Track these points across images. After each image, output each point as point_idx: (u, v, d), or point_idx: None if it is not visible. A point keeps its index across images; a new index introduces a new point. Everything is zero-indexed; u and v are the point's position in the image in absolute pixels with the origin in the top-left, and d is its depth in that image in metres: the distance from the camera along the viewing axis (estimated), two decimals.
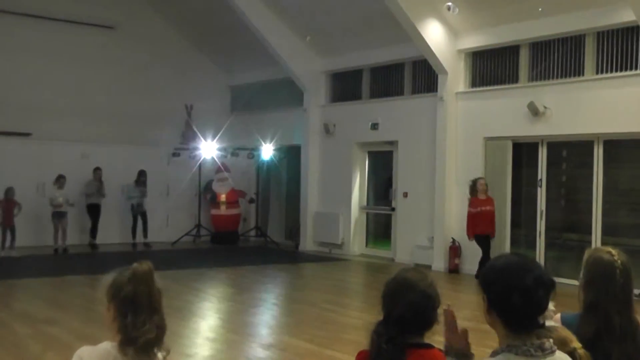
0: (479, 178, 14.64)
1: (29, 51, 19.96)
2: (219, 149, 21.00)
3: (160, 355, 3.28)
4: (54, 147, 19.80)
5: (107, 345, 3.23)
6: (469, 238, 14.65)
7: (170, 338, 9.18)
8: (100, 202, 19.18)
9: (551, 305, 4.02)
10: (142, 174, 19.83)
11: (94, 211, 19.13)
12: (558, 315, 3.77)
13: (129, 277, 3.24)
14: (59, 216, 17.87)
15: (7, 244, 17.13)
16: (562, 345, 2.93)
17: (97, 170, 19.08)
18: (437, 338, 3.18)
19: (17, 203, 17.31)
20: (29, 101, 19.84)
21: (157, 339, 3.24)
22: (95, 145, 20.05)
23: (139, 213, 19.83)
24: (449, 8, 15.26)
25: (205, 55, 23.11)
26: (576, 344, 3.01)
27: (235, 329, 10.45)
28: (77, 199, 18.81)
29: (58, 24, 20.42)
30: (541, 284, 2.67)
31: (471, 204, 14.57)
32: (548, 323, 3.13)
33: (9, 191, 17.24)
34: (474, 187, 14.57)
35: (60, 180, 17.95)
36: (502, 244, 15.16)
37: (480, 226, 14.41)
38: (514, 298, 2.63)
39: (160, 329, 3.25)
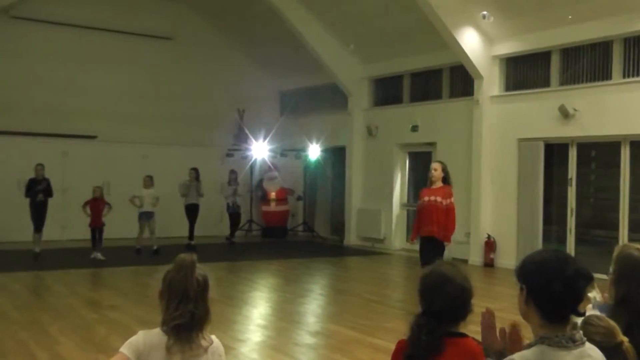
0: (434, 161, 11.62)
1: (95, 61, 20.34)
2: (269, 150, 21.16)
3: (203, 342, 3.31)
4: (117, 148, 20.13)
5: (158, 330, 3.31)
6: (410, 241, 11.56)
7: (224, 324, 9.33)
8: (198, 201, 18.15)
9: (595, 294, 4.04)
10: (232, 172, 19.58)
11: (191, 211, 18.12)
12: (590, 305, 3.75)
13: (173, 265, 3.33)
14: (146, 216, 16.76)
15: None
16: (610, 336, 2.90)
17: (193, 170, 18.22)
18: (471, 327, 3.17)
19: (106, 202, 16.17)
20: (95, 106, 20.18)
21: (191, 325, 3.25)
22: (154, 146, 20.31)
23: (234, 212, 19.52)
24: (484, 16, 15.22)
25: (256, 63, 23.21)
26: (623, 337, 2.94)
27: (284, 317, 10.44)
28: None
29: (121, 35, 20.77)
30: (581, 275, 2.66)
31: (419, 195, 10.90)
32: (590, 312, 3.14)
33: (97, 190, 16.17)
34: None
35: (147, 180, 16.94)
36: (535, 240, 14.97)
37: (422, 224, 10.38)
38: (555, 287, 2.62)
39: (195, 318, 3.26)
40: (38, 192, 15.50)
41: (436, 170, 10.45)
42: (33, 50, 19.69)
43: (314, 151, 20.93)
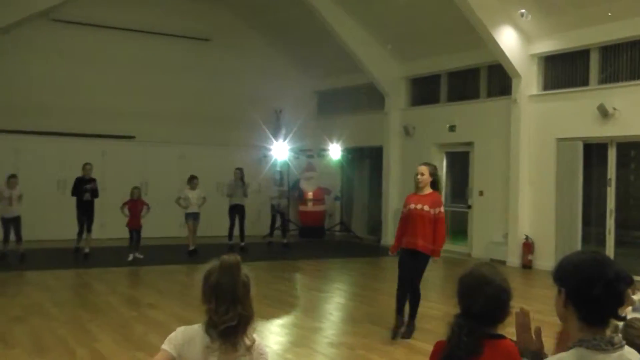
0: (420, 164, 9.42)
1: (133, 63, 20.70)
2: (306, 150, 21.25)
3: (247, 342, 3.32)
4: (154, 149, 20.41)
5: (198, 327, 3.33)
6: (390, 253, 9.56)
7: (261, 324, 9.28)
8: (243, 202, 17.84)
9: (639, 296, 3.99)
10: (279, 174, 19.48)
11: (237, 212, 17.71)
12: (629, 308, 3.69)
13: (217, 267, 3.32)
14: (192, 217, 16.59)
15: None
16: None
17: (238, 170, 17.99)
18: (509, 329, 3.16)
19: (145, 203, 16.02)
20: (133, 107, 20.51)
21: (239, 326, 3.27)
22: (192, 146, 20.52)
23: (278, 212, 19.23)
24: (522, 14, 15.11)
25: (293, 64, 23.35)
26: None
27: (320, 317, 10.51)
28: (169, 197, 17.81)
29: (159, 37, 21.08)
30: (621, 278, 2.60)
31: (404, 202, 9.34)
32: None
33: (135, 191, 16.01)
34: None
35: (193, 181, 16.69)
36: (574, 241, 14.85)
37: (406, 236, 8.96)
38: (596, 290, 2.55)
39: (244, 318, 3.28)
40: (85, 191, 15.56)
41: (423, 174, 8.97)
42: (72, 53, 20.05)
43: (350, 151, 20.97)
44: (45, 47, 19.69)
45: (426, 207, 8.76)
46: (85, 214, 15.69)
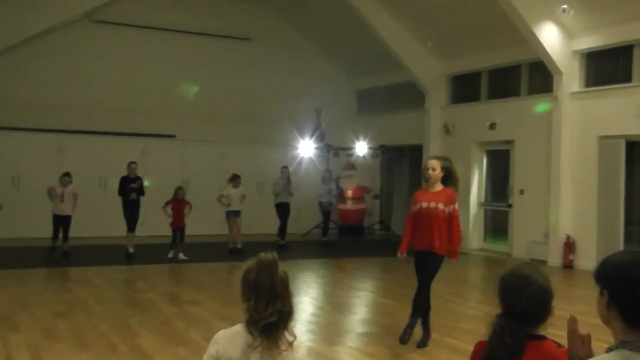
0: (430, 158, 8.70)
1: (173, 62, 20.97)
2: (345, 149, 21.29)
3: (289, 337, 3.35)
4: (195, 147, 20.62)
5: (238, 327, 3.35)
6: (399, 254, 8.52)
7: (301, 322, 9.36)
8: (289, 200, 17.97)
9: None
10: (327, 171, 19.45)
11: (283, 210, 17.92)
12: None
13: (254, 265, 3.36)
14: (234, 215, 16.55)
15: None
16: None
17: (284, 168, 18.09)
18: (550, 330, 3.14)
19: (187, 203, 15.93)
20: (174, 106, 20.77)
21: (279, 323, 3.29)
22: (232, 145, 20.68)
23: (326, 211, 19.25)
24: (564, 10, 14.98)
25: (333, 63, 23.43)
26: None
27: (360, 315, 10.53)
28: (210, 195, 17.88)
29: (199, 37, 21.31)
30: None
31: (413, 199, 8.56)
32: None
33: (179, 191, 15.96)
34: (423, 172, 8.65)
35: (235, 179, 16.63)
36: (616, 241, 14.69)
37: (418, 237, 8.33)
38: (639, 291, 2.50)
39: (284, 315, 3.31)
40: (132, 190, 15.51)
41: (434, 169, 8.20)
42: (114, 53, 20.36)
43: (389, 150, 21.01)
44: (87, 48, 20.07)
45: (440, 205, 8.10)
46: (131, 213, 15.68)
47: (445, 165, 8.26)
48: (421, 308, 8.39)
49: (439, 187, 8.22)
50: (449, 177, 8.26)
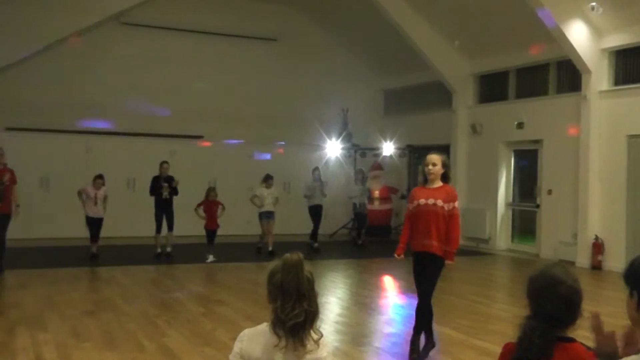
0: (430, 153, 8.04)
1: (200, 64, 21.13)
2: (372, 149, 21.29)
3: (314, 335, 3.35)
4: (222, 148, 20.74)
5: (264, 326, 3.36)
6: (396, 255, 8.02)
7: (327, 323, 9.35)
8: (322, 202, 17.82)
9: None
10: (359, 172, 19.29)
11: (315, 213, 17.67)
12: None
13: (280, 265, 3.35)
14: (266, 216, 16.38)
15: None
16: None
17: (315, 170, 17.97)
18: (579, 332, 3.10)
19: (219, 203, 15.78)
20: (201, 107, 20.90)
21: (305, 323, 3.30)
22: (258, 145, 20.76)
23: (359, 213, 18.99)
24: (593, 8, 14.85)
25: (360, 62, 23.42)
26: None
27: (386, 316, 10.52)
28: (237, 195, 18.15)
29: (226, 38, 21.44)
30: None
31: (410, 197, 8.11)
32: None
33: (211, 192, 15.82)
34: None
35: (268, 180, 16.47)
36: None
37: (416, 236, 7.79)
38: None
39: (310, 314, 3.31)
40: (164, 188, 15.46)
41: (435, 164, 7.70)
42: (142, 55, 20.56)
43: (417, 150, 20.98)
44: (115, 49, 20.26)
45: (440, 202, 7.53)
46: (165, 212, 15.63)
47: (445, 162, 7.80)
48: (425, 322, 7.91)
49: (438, 183, 7.69)
50: (446, 176, 7.76)
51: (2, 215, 12.58)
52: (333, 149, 20.80)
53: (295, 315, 3.27)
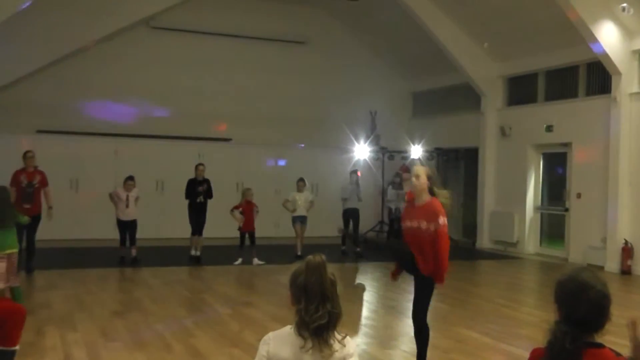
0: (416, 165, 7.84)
1: (228, 66, 21.29)
2: (400, 151, 21.29)
3: (338, 336, 3.38)
4: (250, 150, 20.82)
5: (288, 329, 3.40)
6: (391, 279, 7.87)
7: (353, 324, 9.40)
8: (358, 206, 17.47)
9: None
10: (397, 175, 19.10)
11: (352, 216, 17.24)
12: None
13: (303, 268, 3.40)
14: (299, 220, 16.27)
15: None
16: None
17: (353, 173, 17.90)
18: (607, 337, 3.08)
19: (254, 205, 15.60)
20: (230, 111, 21.12)
21: (329, 324, 3.32)
22: (287, 148, 20.86)
23: (396, 217, 18.33)
24: (623, 9, 14.72)
25: (388, 65, 23.47)
26: None
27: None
28: (265, 197, 17.98)
29: (254, 41, 21.54)
30: None
31: (402, 215, 7.67)
32: None
33: (247, 191, 15.66)
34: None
35: (299, 183, 16.34)
36: None
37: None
38: None
39: (333, 316, 3.34)
40: (199, 193, 15.34)
41: (418, 176, 6.90)
42: (170, 58, 20.77)
43: (445, 152, 21.00)
44: (144, 53, 20.50)
45: (423, 224, 6.80)
46: (197, 216, 15.48)
47: (430, 175, 6.98)
48: (422, 345, 7.33)
49: (424, 198, 6.90)
50: (432, 191, 6.96)
51: (32, 216, 12.47)
52: (362, 151, 20.82)
53: (319, 317, 3.30)
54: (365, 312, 10.98)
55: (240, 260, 15.32)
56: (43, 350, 7.88)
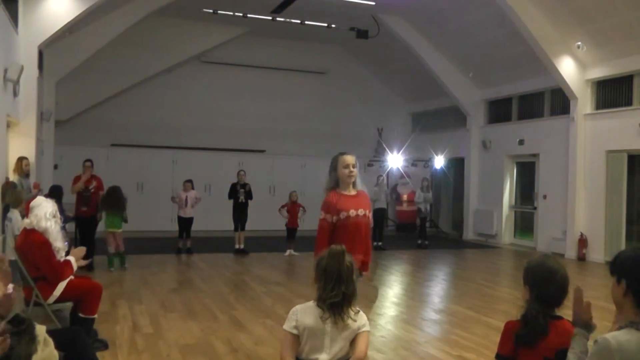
0: (346, 154, 5.58)
1: (264, 92, 21.43)
2: (402, 161, 21.41)
3: (352, 311, 3.45)
4: (280, 160, 20.98)
5: (311, 303, 3.51)
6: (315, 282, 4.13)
7: (362, 302, 9.39)
8: (385, 206, 17.10)
9: None
10: (424, 180, 18.34)
11: (379, 216, 16.39)
12: None
13: (326, 254, 3.48)
14: None
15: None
16: None
17: (380, 177, 17.56)
18: (564, 311, 3.12)
19: (300, 205, 15.15)
20: (263, 127, 21.28)
21: (343, 302, 3.38)
22: (310, 158, 20.96)
23: (423, 217, 17.88)
24: (578, 46, 14.96)
25: (392, 90, 23.50)
26: None
27: (414, 297, 10.44)
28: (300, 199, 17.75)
29: (285, 72, 21.67)
30: None
31: (332, 206, 5.39)
32: None
33: (292, 193, 15.30)
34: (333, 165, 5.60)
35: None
36: (620, 238, 14.61)
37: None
38: None
39: (347, 295, 3.40)
40: (240, 194, 14.92)
41: (355, 167, 5.51)
42: (217, 86, 20.97)
43: (438, 161, 20.96)
44: (196, 83, 20.70)
45: (368, 212, 5.44)
46: (240, 214, 15.06)
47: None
48: None
49: (354, 189, 5.51)
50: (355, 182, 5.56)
51: (89, 217, 11.91)
52: (394, 160, 20.68)
53: (333, 295, 3.38)
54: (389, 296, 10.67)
55: (289, 251, 14.94)
56: (116, 319, 7.92)
